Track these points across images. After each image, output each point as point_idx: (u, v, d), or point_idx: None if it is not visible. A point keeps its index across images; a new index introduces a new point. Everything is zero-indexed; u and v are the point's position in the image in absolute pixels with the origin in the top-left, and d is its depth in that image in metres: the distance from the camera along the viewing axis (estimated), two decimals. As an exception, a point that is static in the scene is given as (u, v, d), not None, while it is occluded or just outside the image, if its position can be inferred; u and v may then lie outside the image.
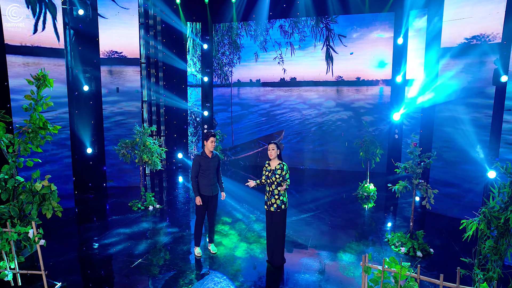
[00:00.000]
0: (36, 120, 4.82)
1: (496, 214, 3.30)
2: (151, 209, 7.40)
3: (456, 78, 6.83)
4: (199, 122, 11.82)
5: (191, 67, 11.42)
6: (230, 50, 11.55)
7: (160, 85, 10.49)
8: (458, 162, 6.86)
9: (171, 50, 10.56)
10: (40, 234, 4.12)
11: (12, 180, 5.00)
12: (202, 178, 5.14)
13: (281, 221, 4.89)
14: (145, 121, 9.92)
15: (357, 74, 10.47)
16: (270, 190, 4.89)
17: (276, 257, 4.99)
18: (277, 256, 4.98)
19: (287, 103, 11.23)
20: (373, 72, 10.32)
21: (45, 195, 5.10)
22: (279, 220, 4.88)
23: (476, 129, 6.49)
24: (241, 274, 4.80)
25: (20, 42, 6.58)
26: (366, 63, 10.34)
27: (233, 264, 5.08)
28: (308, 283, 4.56)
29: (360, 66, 10.39)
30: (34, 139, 4.88)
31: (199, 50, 11.53)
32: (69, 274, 4.73)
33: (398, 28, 9.71)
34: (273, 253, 5.00)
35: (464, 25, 6.72)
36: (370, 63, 10.32)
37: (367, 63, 10.34)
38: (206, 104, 11.68)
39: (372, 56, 10.26)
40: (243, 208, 7.49)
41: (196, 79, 11.61)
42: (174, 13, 10.45)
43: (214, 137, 5.12)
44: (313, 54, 10.79)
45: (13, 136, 4.89)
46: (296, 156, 11.31)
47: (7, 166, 4.97)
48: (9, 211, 5.00)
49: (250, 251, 5.51)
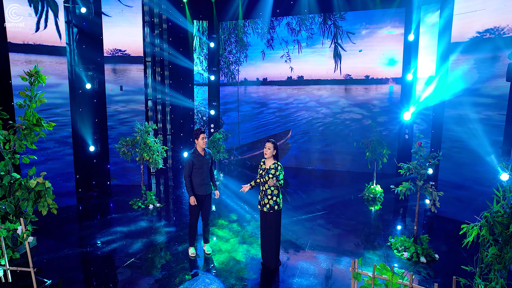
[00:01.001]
0: (30, 117, 4.81)
1: (500, 219, 3.03)
2: (151, 208, 7.34)
3: (468, 75, 6.49)
4: (206, 121, 11.75)
5: (197, 65, 11.36)
6: (236, 48, 11.43)
7: (166, 83, 10.46)
8: (469, 164, 6.50)
9: (177, 49, 10.53)
10: (28, 231, 4.09)
11: (8, 177, 5.01)
12: (195, 177, 5.02)
13: (274, 223, 4.71)
14: (150, 119, 9.91)
15: (366, 72, 10.16)
16: (263, 190, 4.72)
17: (270, 259, 4.82)
18: (271, 258, 4.81)
19: (294, 102, 11.01)
20: (383, 70, 9.98)
21: (40, 192, 5.09)
22: (272, 221, 4.70)
23: (488, 128, 6.14)
24: (233, 276, 4.66)
25: (22, 40, 6.64)
26: (376, 61, 10.02)
27: (227, 266, 4.94)
28: (302, 287, 4.37)
29: (369, 64, 10.07)
30: (28, 136, 4.87)
31: (206, 48, 11.46)
32: (61, 272, 4.70)
33: (409, 24, 9.36)
34: (267, 255, 4.83)
35: (476, 18, 6.38)
36: (380, 60, 9.99)
37: (376, 61, 10.01)
38: (213, 103, 11.60)
39: (381, 53, 9.94)
40: (242, 209, 7.34)
41: (203, 78, 11.55)
42: (180, 12, 10.40)
43: (204, 133, 4.99)
44: (320, 52, 10.54)
45: (7, 133, 4.90)
46: (303, 156, 11.08)
47: (3, 163, 4.98)
48: (5, 208, 5.02)
49: (246, 252, 5.36)
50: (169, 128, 10.76)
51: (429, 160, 5.08)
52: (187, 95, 10.96)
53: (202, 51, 11.43)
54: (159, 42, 10.03)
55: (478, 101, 6.31)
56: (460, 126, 6.61)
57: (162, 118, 10.54)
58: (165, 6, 10.00)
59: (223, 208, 7.38)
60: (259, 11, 10.88)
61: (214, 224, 6.43)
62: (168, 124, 10.73)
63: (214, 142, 9.14)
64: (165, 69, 10.40)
